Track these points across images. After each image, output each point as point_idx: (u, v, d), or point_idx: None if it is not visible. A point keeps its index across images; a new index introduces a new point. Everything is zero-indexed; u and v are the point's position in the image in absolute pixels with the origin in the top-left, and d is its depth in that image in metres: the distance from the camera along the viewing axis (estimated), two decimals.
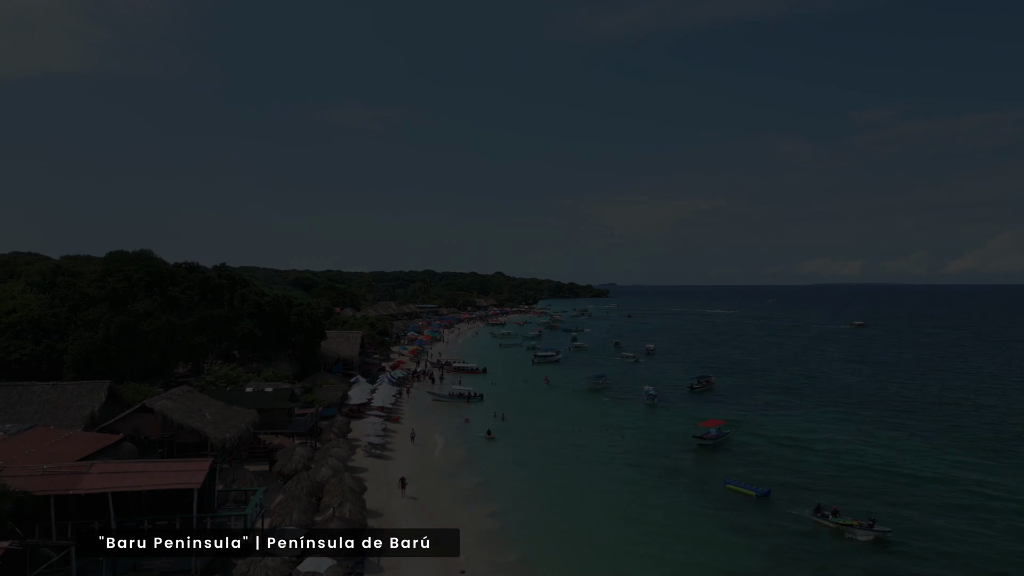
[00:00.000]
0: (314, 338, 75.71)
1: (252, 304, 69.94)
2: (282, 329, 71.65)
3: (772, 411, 73.17)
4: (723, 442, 58.75)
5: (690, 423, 66.90)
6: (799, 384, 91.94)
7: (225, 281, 73.05)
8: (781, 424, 66.23)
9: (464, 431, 63.23)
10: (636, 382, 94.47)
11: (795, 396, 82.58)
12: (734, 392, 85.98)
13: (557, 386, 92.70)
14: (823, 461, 51.92)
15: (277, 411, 49.91)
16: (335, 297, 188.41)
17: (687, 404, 77.73)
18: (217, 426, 41.07)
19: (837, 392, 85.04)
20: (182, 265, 73.64)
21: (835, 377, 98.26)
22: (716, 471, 49.86)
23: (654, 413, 72.92)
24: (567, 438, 60.58)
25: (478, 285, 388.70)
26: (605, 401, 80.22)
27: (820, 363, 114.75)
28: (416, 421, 67.17)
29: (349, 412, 66.31)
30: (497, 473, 48.83)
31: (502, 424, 65.87)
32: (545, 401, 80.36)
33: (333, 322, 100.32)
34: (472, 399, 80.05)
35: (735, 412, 72.78)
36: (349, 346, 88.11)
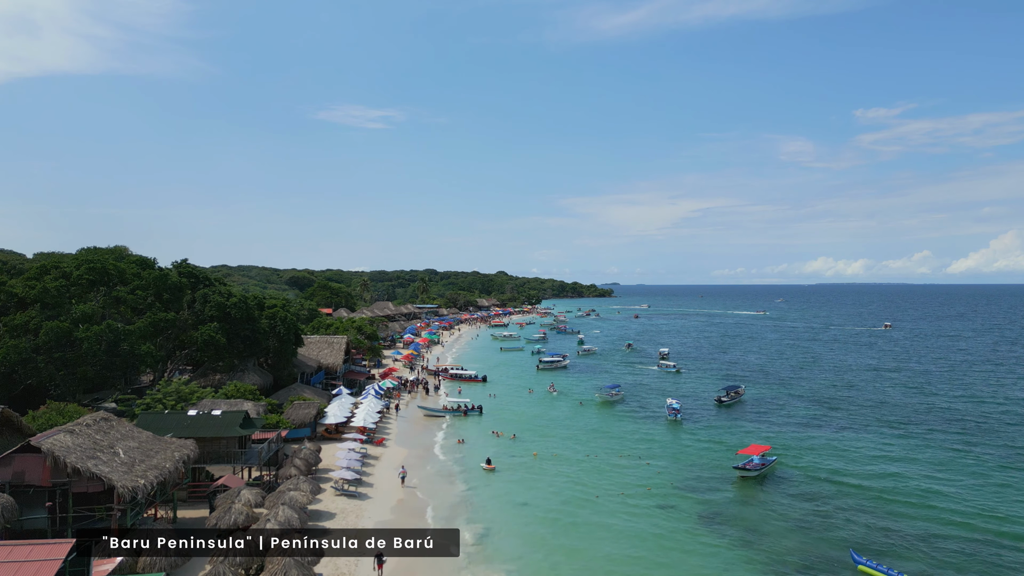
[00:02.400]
0: (289, 344, 66.01)
1: (215, 306, 60.28)
2: (250, 335, 61.97)
3: (816, 430, 63.36)
4: (769, 472, 49.06)
5: (723, 446, 57.30)
6: (838, 396, 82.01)
7: (185, 279, 63.39)
8: (833, 449, 56.41)
9: (459, 457, 53.59)
10: (653, 393, 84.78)
11: (837, 411, 72.71)
12: (766, 405, 76.17)
13: (565, 395, 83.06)
14: (912, 511, 41.60)
15: (226, 439, 40.24)
16: (328, 297, 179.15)
17: (716, 421, 67.94)
18: (131, 468, 31.39)
19: (883, 407, 75.13)
20: (134, 260, 64.00)
21: (875, 388, 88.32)
22: (770, 515, 40.15)
23: (679, 433, 63.16)
24: (581, 467, 50.87)
25: (480, 284, 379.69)
26: (622, 417, 70.45)
27: (854, 371, 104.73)
28: (404, 443, 57.50)
29: (325, 433, 56.68)
30: (499, 520, 39.16)
31: (504, 446, 56.22)
32: (553, 416, 70.62)
33: (317, 325, 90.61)
34: (470, 413, 70.46)
35: (772, 431, 63.06)
36: (332, 353, 78.41)
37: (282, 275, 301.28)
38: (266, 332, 64.75)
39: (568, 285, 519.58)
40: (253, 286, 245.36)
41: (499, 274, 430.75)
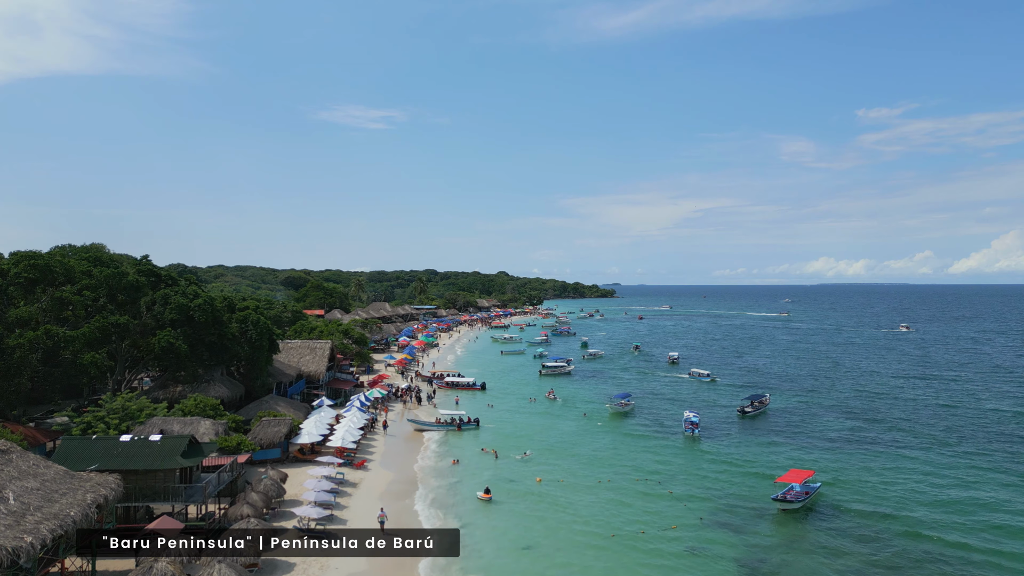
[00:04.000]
0: (262, 351, 58.83)
1: (176, 308, 53.16)
2: (217, 340, 54.84)
3: (856, 447, 56.19)
4: (813, 502, 41.93)
5: (753, 467, 50.22)
6: (872, 407, 74.67)
7: (144, 278, 56.29)
8: (882, 471, 49.24)
9: (453, 482, 46.46)
10: (667, 402, 77.60)
11: (876, 424, 65.48)
12: (793, 417, 68.92)
13: (570, 405, 75.88)
14: (995, 557, 34.59)
15: (163, 472, 33.13)
16: (322, 298, 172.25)
17: (741, 436, 60.76)
18: (20, 520, 24.29)
19: (925, 419, 67.88)
20: (85, 257, 56.90)
21: (911, 397, 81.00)
22: (825, 564, 33.03)
23: (701, 451, 55.98)
24: (592, 496, 43.74)
25: (480, 285, 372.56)
26: (634, 431, 63.26)
27: (882, 377, 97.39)
28: (389, 465, 50.37)
29: (298, 454, 49.54)
30: (498, 568, 32.07)
31: (503, 467, 49.10)
32: (558, 430, 63.41)
33: (299, 328, 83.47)
34: (466, 427, 63.37)
35: (806, 448, 55.96)
36: (315, 359, 71.26)
37: (278, 275, 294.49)
38: (237, 337, 57.64)
39: (570, 285, 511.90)
40: (246, 286, 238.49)
41: (500, 274, 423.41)
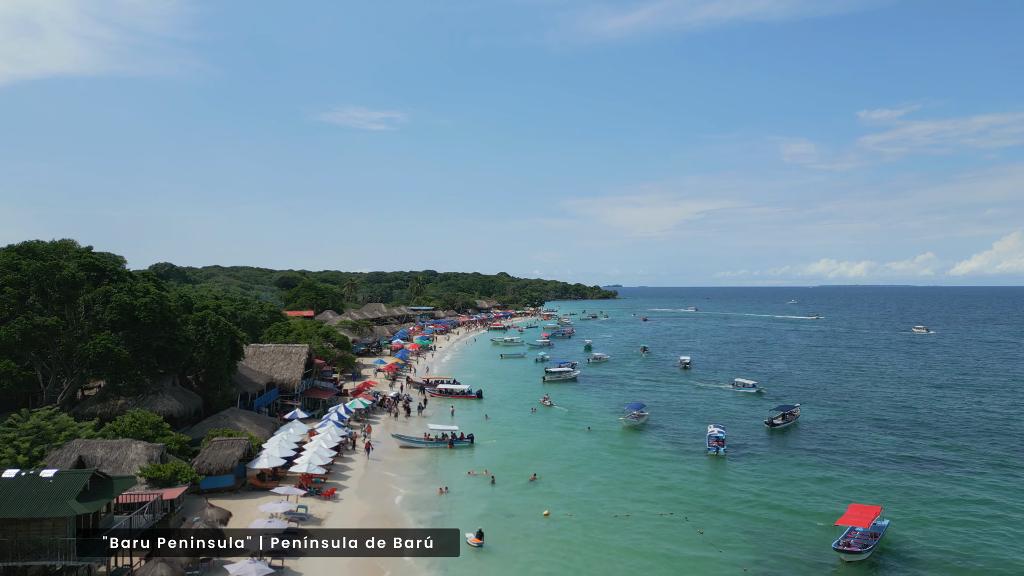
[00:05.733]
0: (222, 357, 50.92)
1: (117, 307, 45.30)
2: (167, 344, 46.94)
3: (909, 471, 48.29)
4: (882, 548, 34.07)
5: (795, 498, 42.37)
6: (912, 419, 66.66)
7: (84, 273, 48.43)
8: (947, 502, 41.39)
9: (439, 517, 38.60)
10: (683, 413, 69.70)
11: (921, 440, 57.56)
12: (828, 432, 60.93)
13: (578, 417, 67.91)
14: None
15: (51, 521, 25.28)
16: (313, 298, 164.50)
17: (773, 455, 52.84)
18: None
19: (975, 435, 59.90)
20: (15, 249, 49.06)
21: (953, 407, 73.08)
22: None
23: (731, 474, 48.08)
24: (610, 535, 35.88)
25: (481, 286, 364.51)
26: (651, 449, 55.32)
27: (913, 384, 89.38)
28: (365, 494, 42.47)
29: (256, 481, 41.65)
30: None
31: (500, 496, 41.20)
32: (565, 448, 55.40)
33: (274, 331, 75.55)
34: (458, 444, 55.58)
35: (851, 472, 48.09)
36: (290, 365, 63.38)
37: (272, 275, 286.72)
38: (192, 341, 49.78)
39: (571, 287, 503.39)
40: (237, 286, 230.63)
41: (500, 275, 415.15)
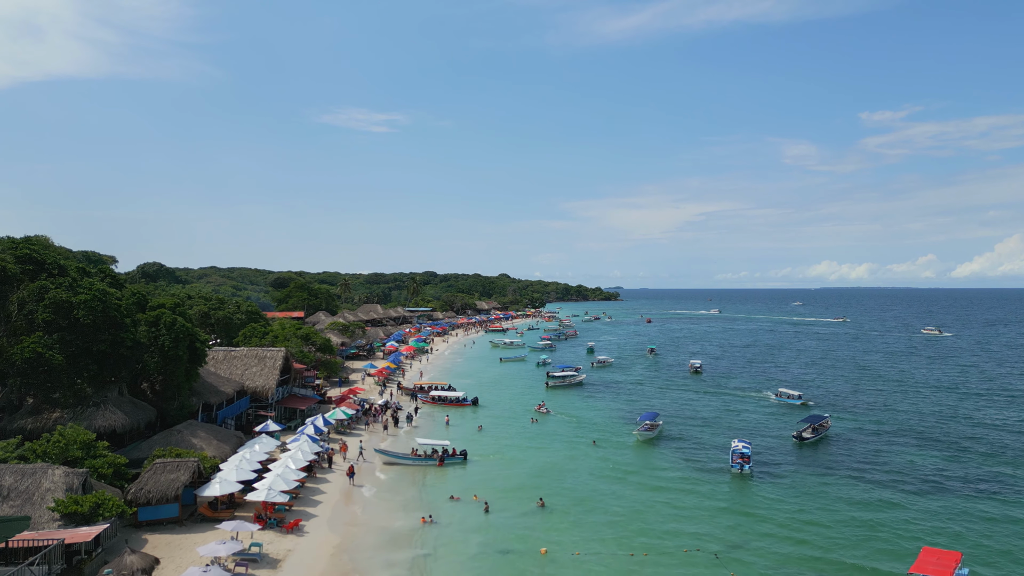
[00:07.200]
0: (178, 363, 44.54)
1: (52, 306, 38.99)
2: (111, 348, 40.59)
3: (965, 498, 41.94)
4: None
5: (840, 533, 35.85)
6: (950, 432, 60.16)
7: (19, 267, 42.11)
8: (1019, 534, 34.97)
9: (419, 557, 32.20)
10: (700, 424, 63.24)
11: (966, 457, 51.11)
12: (863, 447, 54.45)
13: (583, 428, 61.45)
14: None
15: None
16: (306, 299, 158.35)
17: (806, 476, 46.37)
18: None
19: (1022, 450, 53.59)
20: None
21: (990, 422, 66.68)
22: None
23: (762, 499, 41.60)
24: None
25: (481, 287, 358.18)
26: (667, 467, 48.81)
27: (944, 391, 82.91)
28: (336, 524, 36.04)
29: (207, 511, 35.27)
30: None
31: (494, 529, 34.81)
32: (571, 469, 48.88)
33: (249, 333, 69.17)
34: (449, 460, 49.25)
35: (900, 498, 41.76)
36: (263, 371, 57.03)
37: (268, 276, 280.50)
38: (144, 344, 43.45)
39: (572, 288, 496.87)
40: (230, 287, 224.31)
41: (501, 276, 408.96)
